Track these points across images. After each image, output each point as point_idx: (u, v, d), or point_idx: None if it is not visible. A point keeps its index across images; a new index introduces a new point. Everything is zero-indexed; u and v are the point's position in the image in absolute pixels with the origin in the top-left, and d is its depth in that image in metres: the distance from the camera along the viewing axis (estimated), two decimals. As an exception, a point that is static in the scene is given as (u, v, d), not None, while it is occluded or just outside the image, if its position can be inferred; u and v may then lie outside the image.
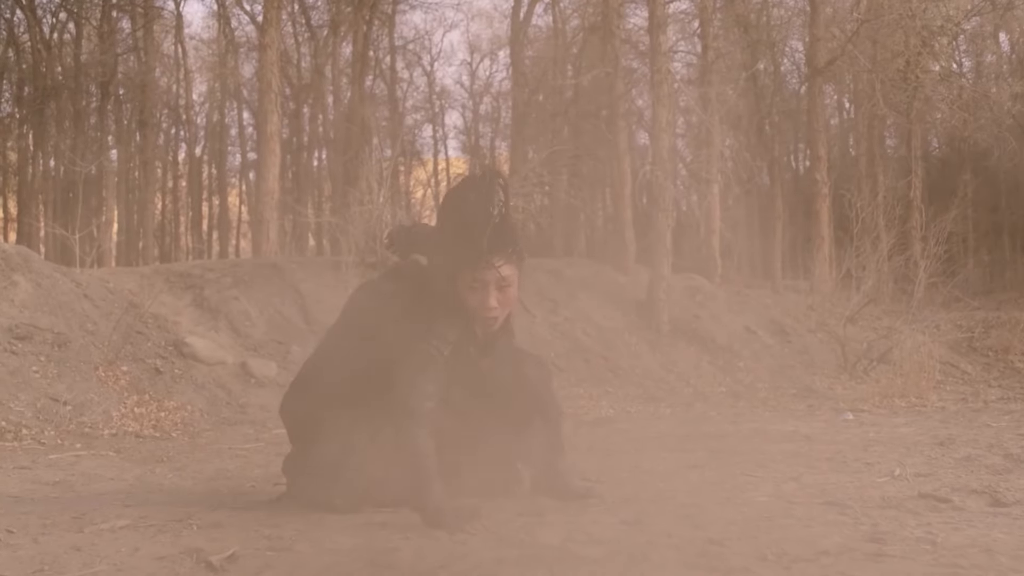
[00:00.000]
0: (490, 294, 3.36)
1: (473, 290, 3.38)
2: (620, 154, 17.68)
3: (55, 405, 8.07)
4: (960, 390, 14.41)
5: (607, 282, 15.82)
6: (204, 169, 33.99)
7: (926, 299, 15.52)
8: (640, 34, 24.80)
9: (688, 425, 9.08)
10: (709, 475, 5.00)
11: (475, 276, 3.35)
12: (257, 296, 11.75)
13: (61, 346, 9.05)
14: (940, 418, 9.85)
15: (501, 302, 3.41)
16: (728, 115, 19.87)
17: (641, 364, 13.46)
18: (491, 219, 3.29)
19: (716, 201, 18.58)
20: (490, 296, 3.37)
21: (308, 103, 29.40)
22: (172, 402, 9.01)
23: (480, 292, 3.37)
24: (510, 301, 3.47)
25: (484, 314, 3.41)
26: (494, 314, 3.42)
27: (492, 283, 3.36)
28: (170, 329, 10.40)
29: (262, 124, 15.29)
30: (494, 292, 3.37)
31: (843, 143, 32.26)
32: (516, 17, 24.52)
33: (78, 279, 10.50)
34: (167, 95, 30.25)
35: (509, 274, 3.39)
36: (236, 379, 10.00)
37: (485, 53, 35.59)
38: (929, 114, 24.19)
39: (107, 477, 5.27)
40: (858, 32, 18.27)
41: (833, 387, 13.98)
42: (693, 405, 12.09)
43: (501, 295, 3.40)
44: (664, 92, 14.48)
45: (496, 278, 3.36)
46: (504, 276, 3.38)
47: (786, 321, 16.30)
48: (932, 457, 5.77)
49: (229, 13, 27.64)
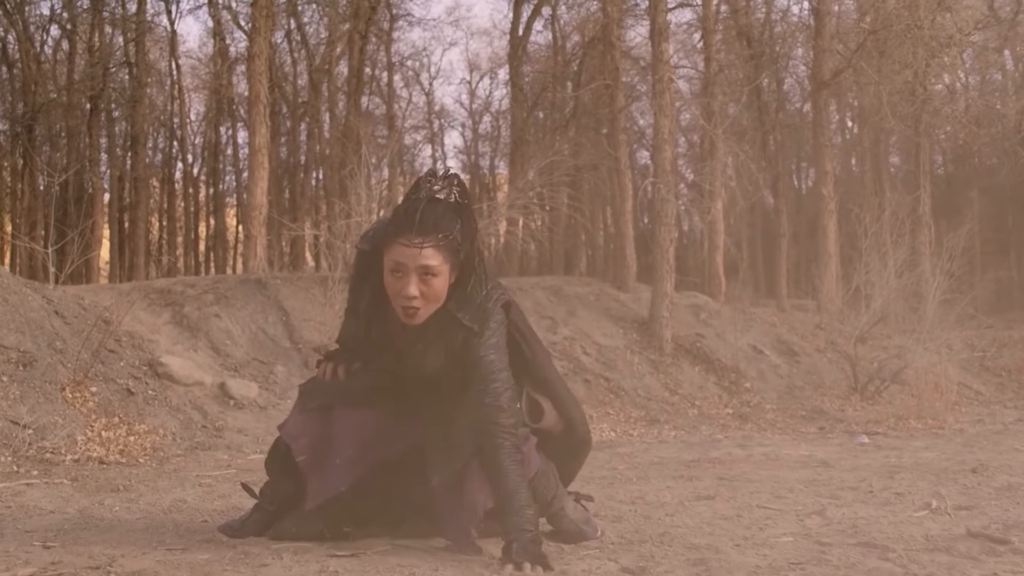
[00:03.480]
0: (410, 282, 2.99)
1: (394, 276, 3.03)
2: (621, 169, 17.20)
3: (15, 429, 7.49)
4: (976, 411, 13.87)
5: (608, 300, 15.28)
6: (201, 188, 33.60)
7: (937, 317, 14.97)
8: (640, 49, 24.45)
9: (694, 449, 8.52)
10: (721, 508, 4.43)
11: (396, 259, 3.00)
12: (240, 314, 11.19)
13: (26, 365, 8.49)
14: (962, 441, 9.30)
15: (424, 294, 3.02)
16: (732, 128, 19.42)
17: (643, 384, 12.89)
18: (419, 201, 2.98)
19: (720, 216, 18.08)
20: (410, 284, 2.99)
21: (305, 121, 28.97)
22: (143, 425, 8.43)
23: (401, 279, 3.01)
24: (436, 294, 3.05)
25: (403, 303, 3.04)
26: (414, 304, 3.03)
27: (414, 270, 2.99)
28: (145, 348, 9.83)
29: (251, 136, 14.80)
30: (415, 280, 2.99)
31: (845, 161, 31.86)
32: (515, 34, 24.10)
33: (50, 295, 9.94)
34: (162, 113, 29.88)
35: (436, 264, 2.99)
36: (214, 401, 9.43)
37: (484, 72, 35.28)
38: (939, 127, 23.77)
39: (47, 510, 4.70)
40: (864, 44, 17.80)
41: (844, 408, 13.44)
42: (698, 427, 11.54)
43: (424, 286, 3.01)
44: (666, 102, 13.99)
45: (418, 265, 2.98)
46: (429, 265, 2.98)
47: (793, 340, 15.74)
48: (968, 486, 5.20)
49: (224, 30, 27.24)
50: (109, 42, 25.65)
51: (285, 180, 29.57)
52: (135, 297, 10.75)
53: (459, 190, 3.06)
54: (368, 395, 3.33)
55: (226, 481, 6.04)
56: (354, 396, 3.33)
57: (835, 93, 22.01)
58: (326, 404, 3.35)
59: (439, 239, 2.98)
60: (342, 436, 3.31)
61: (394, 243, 3.00)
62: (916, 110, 19.46)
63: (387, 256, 3.03)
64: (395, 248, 3.00)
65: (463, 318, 3.12)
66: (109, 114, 26.47)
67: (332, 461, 3.30)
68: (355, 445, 3.30)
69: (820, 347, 15.78)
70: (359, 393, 3.33)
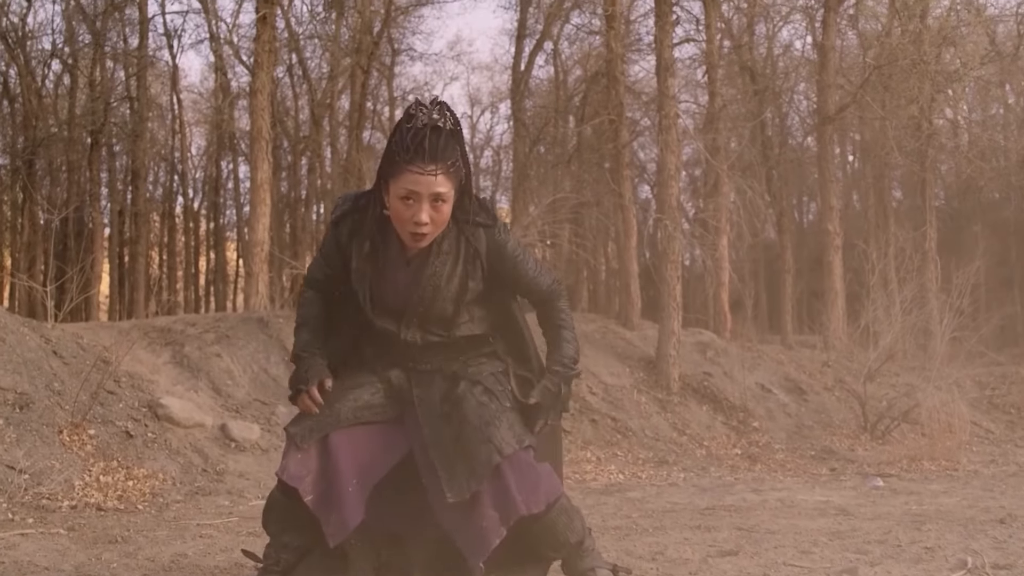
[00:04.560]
0: (423, 208, 3.01)
1: (405, 203, 3.02)
2: (626, 204, 17.07)
3: (10, 474, 7.29)
4: (987, 451, 13.67)
5: (613, 338, 15.09)
6: (202, 223, 33.50)
7: (946, 355, 14.78)
8: (643, 84, 24.41)
9: (707, 495, 8.31)
10: (747, 566, 4.24)
11: (408, 187, 2.99)
12: (241, 353, 10.99)
13: (23, 407, 8.30)
14: (980, 485, 9.11)
15: (434, 219, 3.05)
16: (737, 163, 19.33)
17: (651, 424, 12.68)
18: (424, 129, 2.97)
19: (725, 253, 17.93)
20: (423, 210, 3.01)
21: (306, 155, 28.89)
22: (142, 469, 8.22)
23: (413, 206, 3.01)
24: (443, 219, 3.09)
25: (413, 229, 3.05)
26: (425, 230, 3.05)
27: (426, 197, 3.00)
28: (145, 388, 9.63)
29: (253, 172, 14.66)
30: (427, 207, 3.01)
31: (847, 195, 31.78)
32: (517, 69, 24.03)
33: (48, 334, 9.77)
34: (163, 148, 29.81)
35: (445, 190, 3.02)
36: (214, 443, 9.23)
37: (486, 106, 35.21)
38: (944, 161, 23.71)
39: (42, 566, 4.51)
40: (869, 79, 17.74)
41: (854, 448, 13.24)
42: (707, 469, 11.33)
43: (434, 211, 3.04)
44: (672, 138, 13.86)
45: (431, 192, 3.00)
46: (440, 191, 3.01)
47: (801, 378, 15.54)
48: (999, 539, 5.01)
49: (226, 64, 27.20)
50: (111, 76, 25.60)
51: (286, 214, 29.45)
52: (135, 336, 10.56)
53: (452, 116, 3.07)
54: (356, 413, 3.24)
55: (228, 531, 5.85)
56: (344, 420, 3.22)
57: (838, 128, 21.93)
58: (320, 437, 3.22)
59: (448, 166, 3.00)
60: (344, 464, 3.19)
61: (406, 171, 2.99)
62: (922, 145, 19.37)
63: (397, 184, 3.01)
64: (407, 176, 2.99)
65: (475, 218, 3.19)
66: (110, 149, 26.39)
67: (343, 492, 3.16)
68: (358, 471, 3.20)
69: (828, 385, 15.58)
70: (348, 415, 3.23)
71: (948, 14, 18.48)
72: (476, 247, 3.20)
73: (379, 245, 3.21)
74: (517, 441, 3.13)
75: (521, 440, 3.14)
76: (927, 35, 16.78)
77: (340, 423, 3.21)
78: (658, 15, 14.72)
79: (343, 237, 3.27)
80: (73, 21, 24.61)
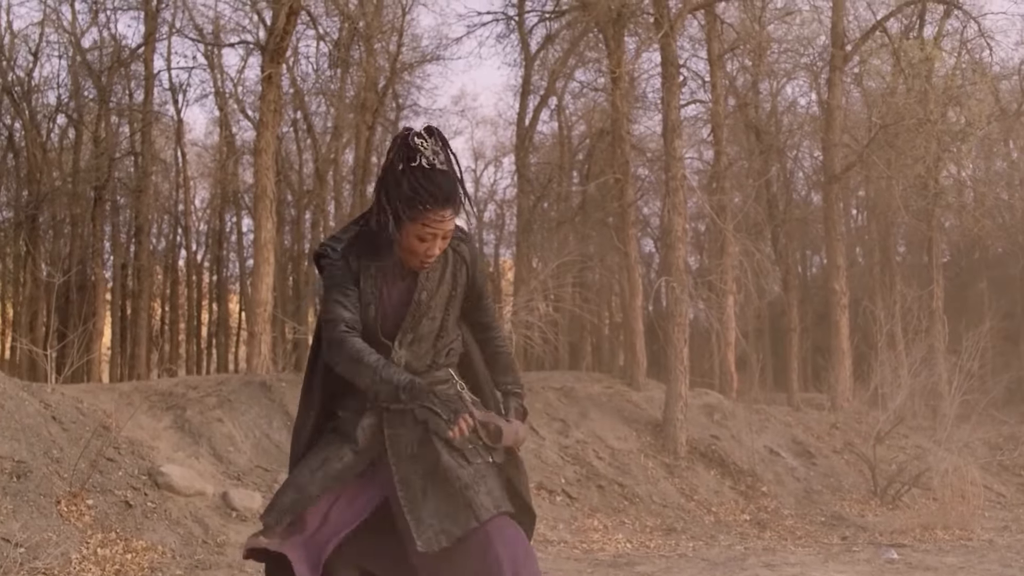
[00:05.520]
0: (436, 244, 3.21)
1: (421, 242, 3.19)
2: (631, 264, 16.97)
3: (6, 547, 7.13)
4: (1000, 516, 13.47)
5: (620, 400, 14.89)
6: (204, 275, 33.45)
7: (956, 417, 14.60)
8: (647, 141, 24.45)
9: (719, 570, 8.12)
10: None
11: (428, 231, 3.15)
12: (243, 418, 10.82)
13: (20, 477, 8.14)
14: (996, 558, 8.92)
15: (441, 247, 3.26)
16: (744, 222, 19.26)
17: (658, 490, 12.46)
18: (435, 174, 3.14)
19: (731, 313, 17.81)
20: (436, 246, 3.21)
21: (310, 209, 28.90)
22: (141, 541, 8.05)
23: (428, 243, 3.19)
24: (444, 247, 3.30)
25: (425, 260, 3.25)
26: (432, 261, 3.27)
27: (440, 235, 3.19)
28: (145, 455, 9.46)
29: (257, 231, 14.57)
30: (440, 242, 3.22)
31: (851, 250, 31.72)
32: (521, 124, 24.08)
33: (47, 399, 9.62)
34: (167, 201, 29.84)
35: (453, 226, 3.23)
36: (216, 512, 9.04)
37: (489, 160, 35.29)
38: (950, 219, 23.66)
39: (35, 662, 4.34)
40: (875, 138, 17.72)
41: (864, 513, 13.03)
42: (716, 537, 11.13)
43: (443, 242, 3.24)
44: (680, 199, 13.78)
45: (446, 231, 3.19)
46: (451, 228, 3.21)
47: (809, 440, 15.34)
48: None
49: (231, 119, 27.30)
50: (115, 131, 25.64)
51: (289, 268, 29.38)
52: (136, 400, 10.43)
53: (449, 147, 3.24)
54: (326, 485, 3.23)
55: (228, 616, 5.67)
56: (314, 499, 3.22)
57: (844, 185, 21.91)
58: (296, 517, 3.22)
59: (458, 206, 3.18)
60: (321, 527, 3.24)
61: (427, 216, 3.12)
62: (928, 204, 19.33)
63: (415, 227, 3.14)
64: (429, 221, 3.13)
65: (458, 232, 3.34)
66: (114, 203, 26.37)
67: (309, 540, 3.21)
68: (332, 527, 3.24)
69: (837, 448, 15.37)
70: (320, 485, 3.22)
71: (953, 73, 18.54)
72: (463, 256, 3.40)
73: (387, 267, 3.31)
74: (495, 506, 3.10)
75: (499, 505, 3.12)
76: (932, 94, 16.78)
77: (313, 500, 3.22)
78: (665, 77, 14.70)
79: (353, 263, 3.30)
80: (79, 76, 24.75)
